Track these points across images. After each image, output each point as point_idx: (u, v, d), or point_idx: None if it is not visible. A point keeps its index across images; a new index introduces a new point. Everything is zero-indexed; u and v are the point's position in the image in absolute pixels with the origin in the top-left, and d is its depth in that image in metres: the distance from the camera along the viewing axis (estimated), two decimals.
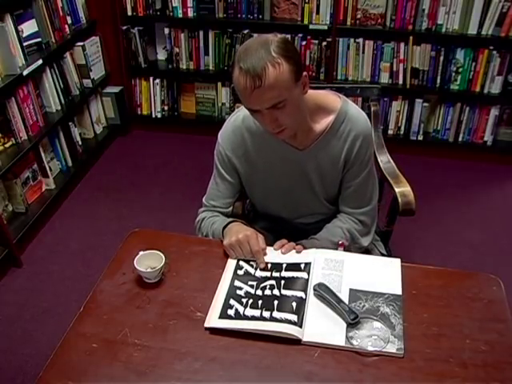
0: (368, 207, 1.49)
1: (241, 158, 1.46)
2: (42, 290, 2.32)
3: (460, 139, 3.16)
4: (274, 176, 1.47)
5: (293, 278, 1.27)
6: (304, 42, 3.04)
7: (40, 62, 2.58)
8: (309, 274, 1.28)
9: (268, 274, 1.30)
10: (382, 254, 1.61)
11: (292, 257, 1.35)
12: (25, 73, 2.46)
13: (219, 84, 3.32)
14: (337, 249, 1.42)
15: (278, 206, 1.56)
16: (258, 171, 1.47)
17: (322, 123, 1.38)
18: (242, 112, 1.43)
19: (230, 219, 1.45)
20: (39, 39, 2.63)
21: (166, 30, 3.19)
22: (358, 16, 2.92)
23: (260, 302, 1.21)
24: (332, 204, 1.53)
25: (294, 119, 1.27)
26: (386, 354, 1.09)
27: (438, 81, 3.01)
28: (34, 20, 2.58)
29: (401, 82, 3.07)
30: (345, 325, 1.15)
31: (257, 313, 1.18)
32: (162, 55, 3.40)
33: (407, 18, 2.87)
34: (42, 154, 2.71)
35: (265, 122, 1.26)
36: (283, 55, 1.17)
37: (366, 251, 1.59)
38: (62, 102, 2.88)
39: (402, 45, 2.95)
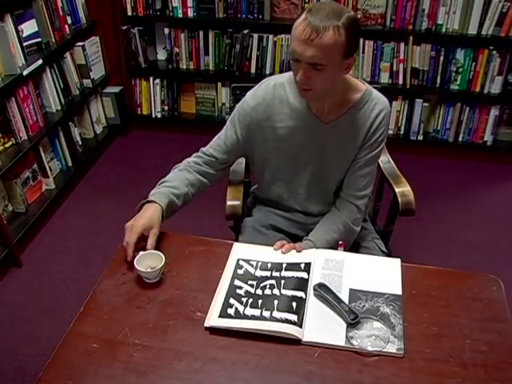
0: (365, 191, 1.52)
1: (260, 124, 1.47)
2: (42, 290, 2.32)
3: (460, 139, 3.16)
4: (292, 145, 1.49)
5: (293, 277, 1.27)
6: None
7: (40, 62, 2.58)
8: (309, 273, 1.28)
9: (268, 273, 1.30)
10: (383, 251, 1.61)
11: (292, 257, 1.35)
12: (25, 73, 2.45)
13: (219, 84, 3.32)
14: (336, 248, 1.42)
15: (285, 186, 1.58)
16: (277, 138, 1.48)
17: (349, 100, 1.43)
18: (273, 80, 1.48)
19: (162, 196, 1.49)
20: (39, 39, 2.63)
21: (166, 30, 3.19)
22: (358, 16, 2.92)
23: (260, 301, 1.21)
24: (335, 195, 1.57)
25: (324, 87, 1.32)
26: (386, 354, 1.09)
27: (438, 81, 3.01)
28: (34, 20, 2.57)
29: (401, 81, 3.06)
30: (345, 325, 1.15)
31: (257, 312, 1.18)
32: (162, 55, 3.40)
33: (407, 18, 2.87)
34: (42, 154, 2.71)
35: (299, 74, 1.29)
36: (347, 29, 1.23)
37: (363, 249, 1.60)
38: (62, 101, 2.87)
39: (402, 45, 2.95)
